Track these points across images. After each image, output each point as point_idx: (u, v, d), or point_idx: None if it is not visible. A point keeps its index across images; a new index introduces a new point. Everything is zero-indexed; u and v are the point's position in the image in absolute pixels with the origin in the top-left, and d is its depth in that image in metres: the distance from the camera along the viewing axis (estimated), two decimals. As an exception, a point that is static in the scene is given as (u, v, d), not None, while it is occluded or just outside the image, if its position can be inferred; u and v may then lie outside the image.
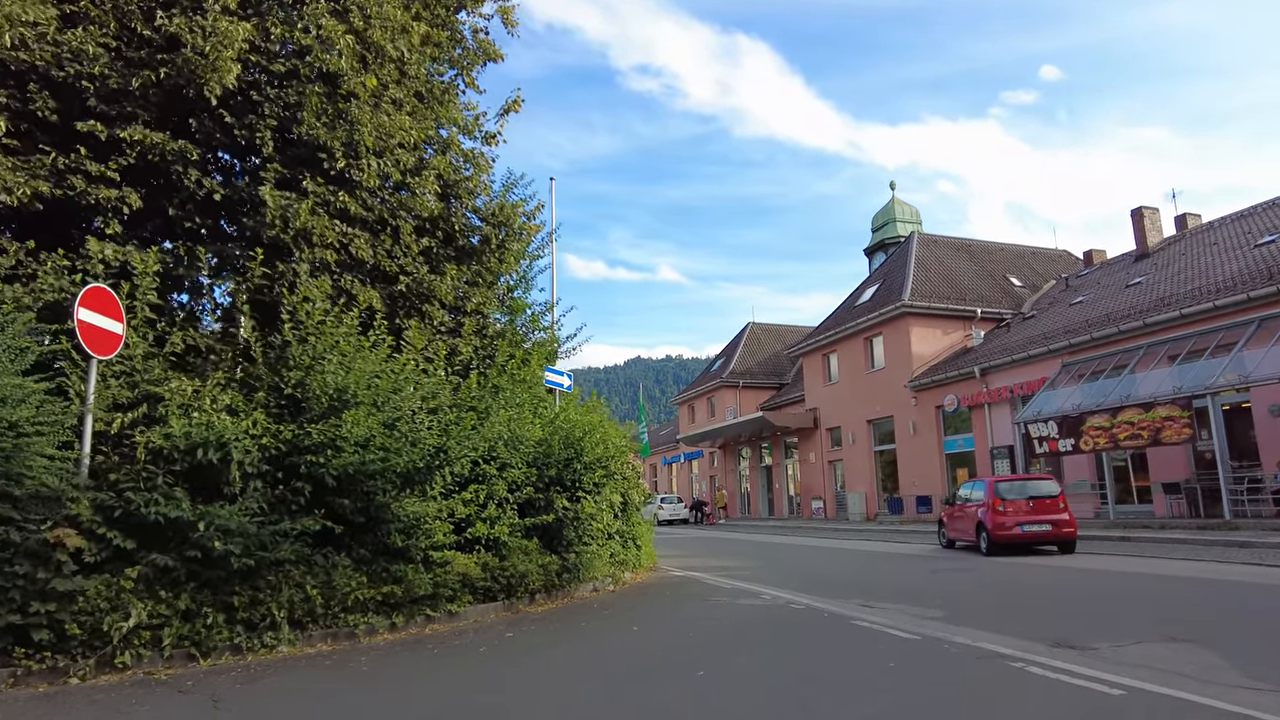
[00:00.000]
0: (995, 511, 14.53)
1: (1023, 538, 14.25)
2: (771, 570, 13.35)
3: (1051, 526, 14.20)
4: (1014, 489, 15.00)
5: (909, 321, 29.32)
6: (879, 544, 19.11)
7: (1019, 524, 14.26)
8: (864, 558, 15.80)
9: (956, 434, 26.91)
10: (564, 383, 12.17)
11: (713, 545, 21.54)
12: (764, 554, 17.72)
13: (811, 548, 19.02)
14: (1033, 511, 14.35)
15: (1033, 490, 14.91)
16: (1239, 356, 16.84)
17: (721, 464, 46.11)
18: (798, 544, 20.53)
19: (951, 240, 35.92)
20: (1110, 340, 20.98)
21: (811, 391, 36.63)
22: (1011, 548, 14.40)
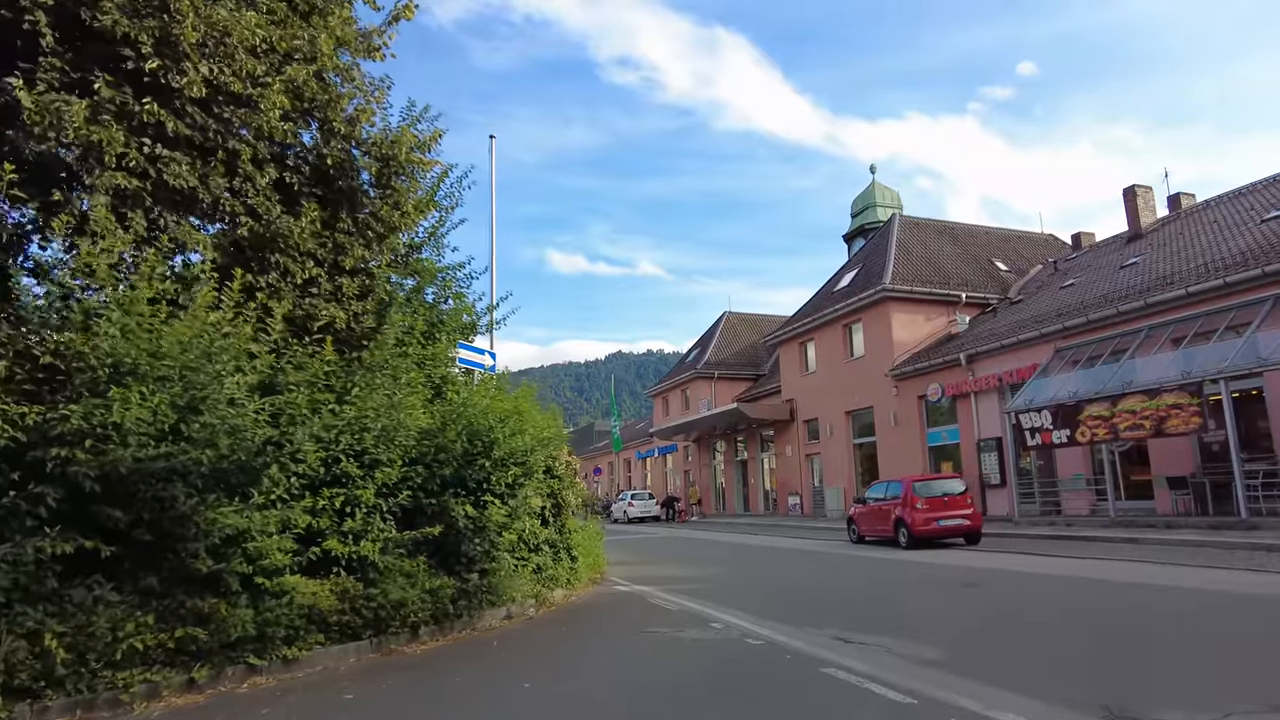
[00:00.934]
0: (914, 509, 15.88)
1: (938, 531, 15.69)
2: (733, 581, 11.51)
3: (964, 520, 15.85)
4: (929, 488, 16.52)
5: (890, 307, 27.57)
6: (853, 545, 17.31)
7: (935, 519, 15.67)
8: (836, 563, 14.00)
9: (941, 426, 25.20)
10: (484, 362, 10.22)
11: (677, 547, 19.65)
12: (730, 558, 15.88)
13: (783, 550, 17.21)
14: (946, 507, 15.83)
15: (945, 488, 16.53)
16: (1253, 338, 15.18)
17: (696, 458, 44.28)
18: (768, 545, 18.71)
19: (934, 223, 34.24)
20: (1108, 323, 19.29)
21: (788, 382, 34.85)
22: (927, 541, 15.72)
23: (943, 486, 16.70)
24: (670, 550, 18.74)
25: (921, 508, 15.90)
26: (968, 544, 15.80)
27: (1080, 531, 16.01)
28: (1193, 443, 17.21)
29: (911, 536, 15.76)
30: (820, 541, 19.62)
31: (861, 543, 17.99)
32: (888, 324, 27.55)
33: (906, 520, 15.95)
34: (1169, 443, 17.12)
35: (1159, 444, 17.43)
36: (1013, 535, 16.70)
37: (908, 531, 15.89)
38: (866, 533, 18.06)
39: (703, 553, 17.84)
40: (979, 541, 15.89)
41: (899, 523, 16.22)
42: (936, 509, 15.82)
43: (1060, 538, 15.55)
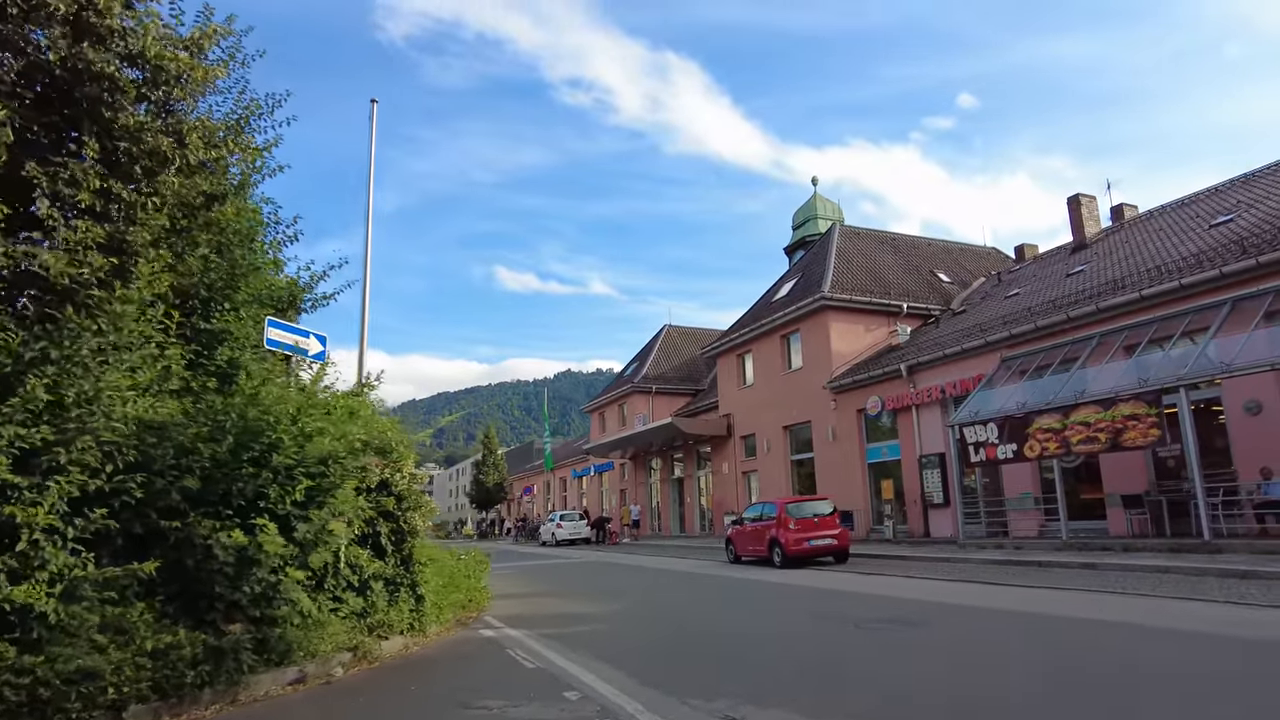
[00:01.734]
0: (787, 529, 16.32)
1: (809, 551, 16.19)
2: (628, 623, 9.52)
3: (833, 540, 16.50)
4: (801, 509, 17.07)
5: (828, 316, 26.12)
6: (780, 572, 15.48)
7: (806, 539, 16.18)
8: (757, 593, 12.12)
9: (881, 441, 23.71)
10: (309, 347, 8.11)
11: (589, 575, 17.56)
12: (640, 589, 13.88)
13: (702, 578, 15.29)
14: (816, 528, 16.45)
15: (816, 509, 17.16)
16: (1211, 344, 13.91)
17: (633, 477, 42.27)
18: (689, 572, 16.76)
19: (875, 233, 33.14)
20: (1058, 329, 18.00)
21: (725, 396, 33.19)
22: (799, 560, 16.22)
23: (813, 508, 17.32)
24: (579, 579, 16.65)
25: (794, 528, 16.38)
26: (836, 562, 16.56)
27: (1030, 555, 14.47)
28: (1147, 458, 15.91)
29: (785, 556, 16.23)
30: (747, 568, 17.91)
31: (738, 562, 18.31)
32: (826, 334, 26.08)
33: (780, 540, 16.39)
34: (1122, 459, 15.79)
35: (1111, 460, 16.09)
36: (954, 559, 15.09)
37: (781, 551, 16.33)
38: (743, 553, 18.32)
39: (614, 581, 15.81)
40: (846, 560, 16.67)
41: (773, 543, 16.66)
42: (808, 529, 16.40)
43: (1010, 563, 13.97)
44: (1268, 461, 13.62)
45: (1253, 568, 10.52)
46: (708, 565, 18.45)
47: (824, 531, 16.49)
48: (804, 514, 16.85)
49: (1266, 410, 13.95)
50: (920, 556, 16.17)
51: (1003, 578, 12.00)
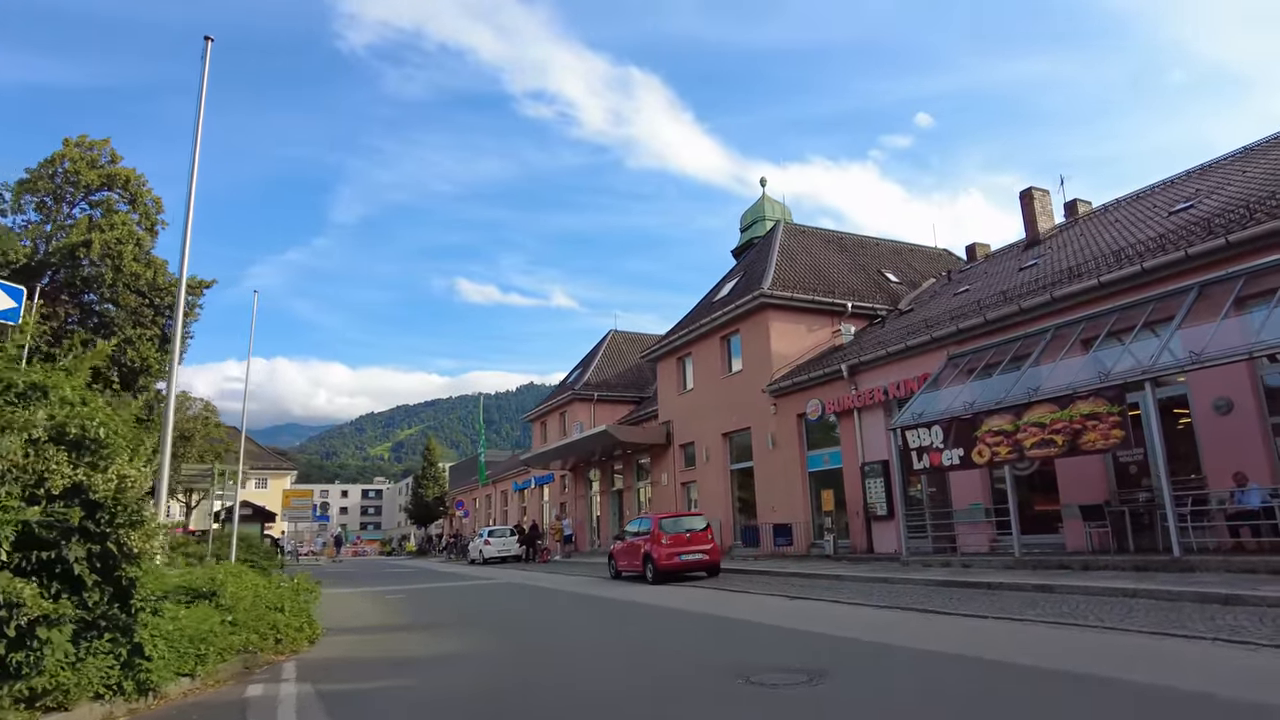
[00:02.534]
0: (659, 544, 16.34)
1: (680, 565, 16.27)
2: (461, 673, 7.39)
3: (704, 555, 16.59)
4: (674, 524, 17.26)
5: (769, 315, 24.33)
6: (662, 592, 13.46)
7: (677, 554, 16.26)
8: (641, 624, 10.07)
9: (822, 448, 21.91)
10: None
11: (474, 601, 15.31)
12: (510, 619, 11.70)
13: (606, 602, 13.18)
14: (689, 543, 16.54)
15: (689, 525, 17.39)
16: (1177, 334, 12.30)
17: (573, 489, 40.03)
18: (597, 596, 14.63)
19: (821, 232, 31.59)
20: (1009, 323, 16.37)
21: (665, 402, 31.23)
22: (669, 574, 16.29)
23: (687, 523, 17.61)
24: (458, 606, 14.37)
25: (666, 543, 16.45)
26: (708, 576, 16.63)
27: (979, 575, 12.65)
28: (1107, 464, 14.28)
29: (656, 571, 16.24)
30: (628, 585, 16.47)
31: (618, 578, 18.26)
32: (766, 335, 24.28)
33: (653, 555, 16.41)
34: (1080, 465, 14.13)
35: (1069, 466, 14.43)
36: (893, 580, 13.20)
37: (653, 566, 16.33)
38: (623, 568, 18.31)
39: (492, 609, 13.59)
40: (718, 575, 16.80)
41: (647, 557, 16.65)
42: (680, 545, 16.52)
43: (954, 584, 12.12)
44: (1240, 466, 12.02)
45: (1234, 590, 8.78)
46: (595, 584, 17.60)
47: (695, 547, 16.62)
48: (678, 529, 17.02)
49: (1238, 409, 12.38)
50: (856, 576, 14.28)
51: (944, 603, 10.12)
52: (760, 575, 16.64)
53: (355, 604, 14.87)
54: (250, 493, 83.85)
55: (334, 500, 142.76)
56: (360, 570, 32.71)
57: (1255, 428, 12.11)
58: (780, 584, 14.43)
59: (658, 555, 16.29)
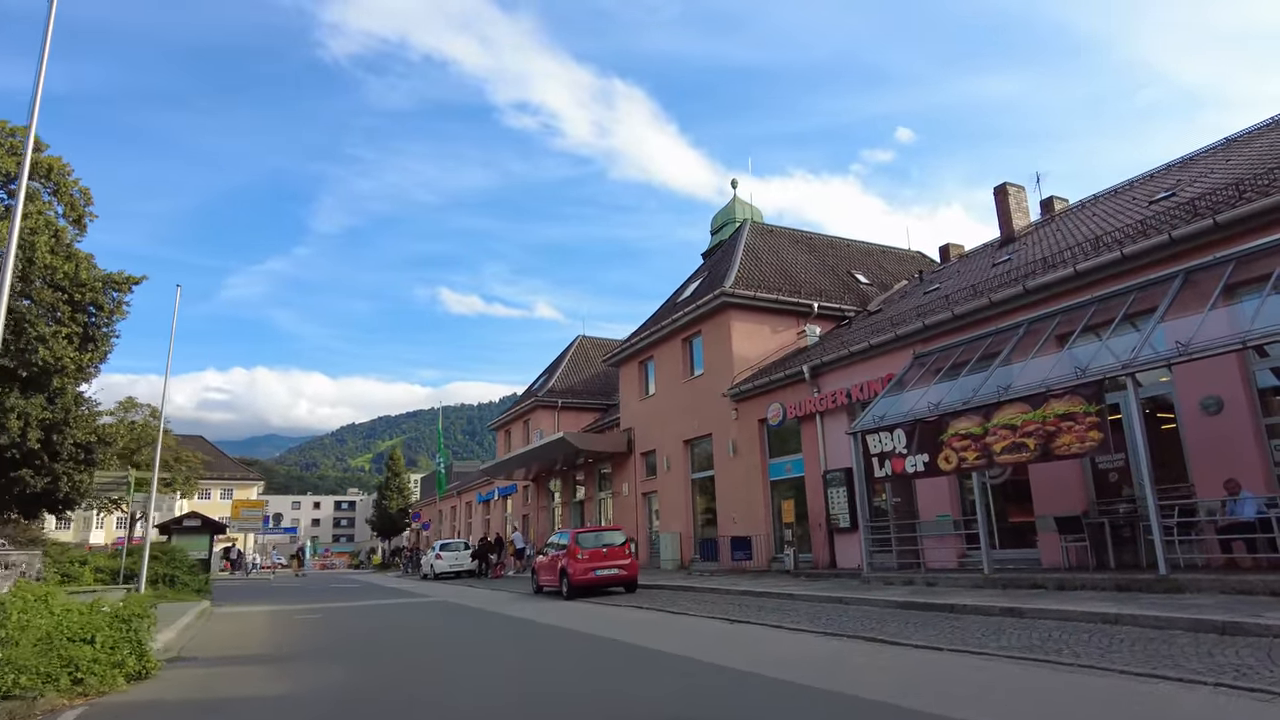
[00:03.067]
0: (575, 559, 16.17)
1: (597, 581, 16.10)
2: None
3: (620, 570, 16.33)
4: (591, 539, 17.05)
5: (731, 315, 22.98)
6: (577, 610, 11.97)
7: (593, 569, 16.05)
8: (550, 656, 8.57)
9: (785, 455, 20.52)
10: None
11: (387, 622, 13.71)
12: (397, 650, 10.14)
13: (510, 622, 11.65)
14: (606, 558, 16.31)
15: (606, 540, 17.09)
16: (1160, 327, 11.02)
17: (535, 500, 38.44)
18: (505, 615, 13.08)
19: (790, 231, 30.35)
20: (978, 318, 15.10)
21: (627, 408, 29.79)
22: (585, 589, 16.13)
23: (604, 538, 17.34)
24: (357, 631, 12.75)
25: (582, 558, 16.29)
26: (626, 592, 16.51)
27: (942, 595, 11.26)
28: (1085, 470, 12.98)
29: (571, 586, 16.15)
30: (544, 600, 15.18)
31: (539, 593, 18.21)
32: (728, 336, 22.92)
33: (568, 571, 16.27)
34: (1054, 472, 12.82)
35: (1043, 473, 13.12)
36: (848, 600, 11.78)
37: (568, 581, 16.21)
38: (543, 582, 18.20)
39: (394, 634, 12.02)
40: (635, 591, 16.67)
41: (563, 573, 16.49)
42: (596, 560, 16.35)
43: (914, 606, 10.72)
44: (1232, 472, 10.72)
45: (1232, 616, 7.42)
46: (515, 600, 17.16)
47: (612, 562, 16.40)
48: (594, 544, 16.82)
49: (1229, 408, 11.10)
50: (809, 596, 12.84)
51: (898, 630, 8.71)
52: (708, 594, 15.18)
53: (250, 626, 13.25)
54: (214, 504, 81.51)
55: (305, 512, 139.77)
56: (307, 586, 30.90)
57: (1248, 429, 10.84)
58: (726, 604, 12.97)
59: (573, 570, 16.15)
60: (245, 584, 32.63)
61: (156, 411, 41.79)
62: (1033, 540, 13.61)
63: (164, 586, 20.83)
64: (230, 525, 40.09)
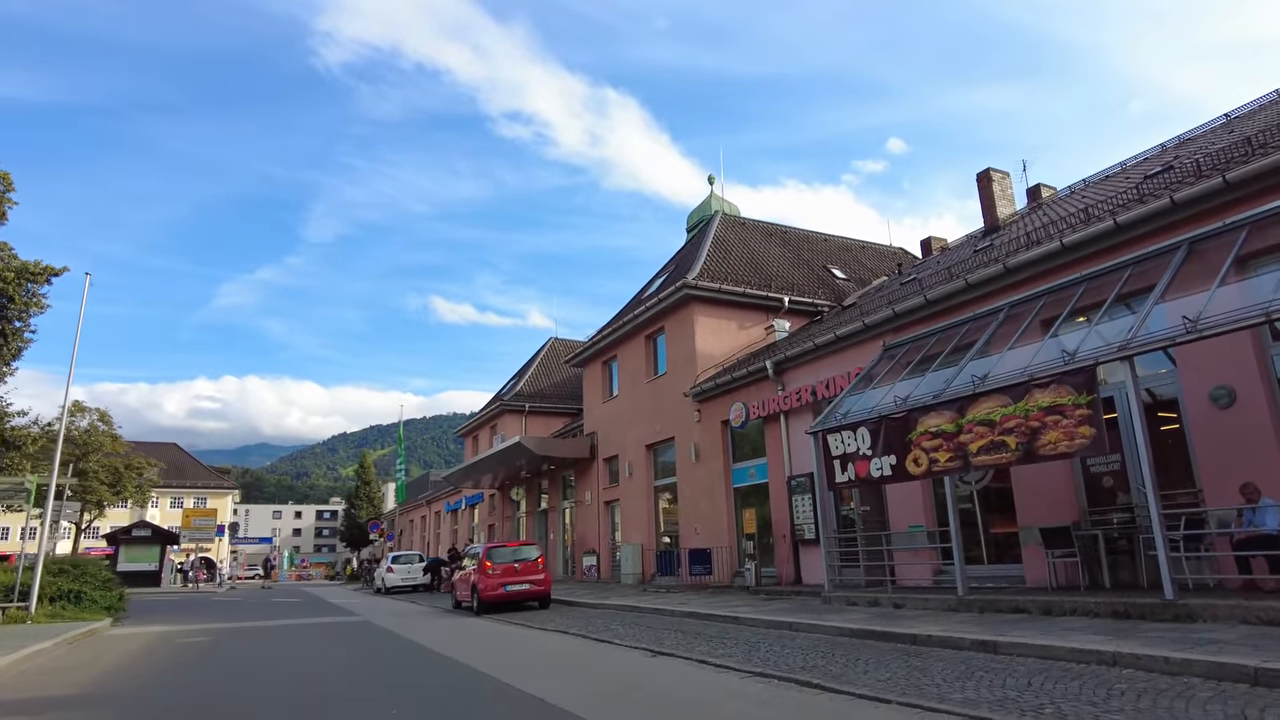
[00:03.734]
0: (485, 574, 15.92)
1: (507, 596, 15.87)
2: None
3: (531, 585, 16.12)
4: (504, 554, 16.78)
5: (694, 310, 21.28)
6: (449, 613, 10.20)
7: (504, 584, 15.85)
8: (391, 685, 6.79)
9: (749, 460, 18.80)
10: None
11: (285, 647, 11.86)
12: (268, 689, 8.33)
13: (401, 646, 9.83)
14: (518, 573, 16.09)
15: (519, 555, 16.77)
16: (1161, 305, 9.36)
17: (500, 510, 36.58)
18: (401, 637, 11.25)
19: (764, 225, 28.74)
20: (954, 304, 13.44)
21: (590, 411, 28.06)
22: (495, 605, 15.83)
23: (517, 553, 17.02)
24: (214, 666, 10.94)
25: (493, 574, 16.03)
26: (540, 607, 16.28)
27: (905, 623, 9.52)
28: (1075, 474, 11.28)
29: (481, 602, 15.89)
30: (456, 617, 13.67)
31: (457, 608, 17.74)
32: (691, 331, 21.20)
33: (478, 586, 16.01)
34: (1040, 476, 11.13)
35: (1026, 477, 11.43)
36: (798, 627, 10.02)
37: (479, 597, 15.95)
38: (460, 598, 17.84)
39: (244, 673, 10.19)
40: (549, 606, 16.44)
41: (474, 588, 16.23)
42: (508, 575, 16.09)
43: (872, 636, 8.97)
44: (1247, 475, 9.03)
45: (1266, 661, 5.71)
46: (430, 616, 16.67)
47: (524, 578, 16.17)
48: (506, 559, 16.56)
49: (1243, 400, 9.43)
50: (757, 620, 11.07)
51: (844, 667, 6.95)
52: (649, 615, 13.40)
53: (111, 653, 11.37)
54: (187, 514, 78.90)
55: (287, 522, 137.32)
56: (246, 600, 28.85)
57: (1266, 424, 9.17)
58: (663, 629, 11.20)
59: (483, 586, 15.87)
60: (186, 598, 30.58)
61: (106, 415, 39.82)
62: (1016, 555, 11.89)
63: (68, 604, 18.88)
64: (182, 535, 38.08)
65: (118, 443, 39.52)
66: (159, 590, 36.42)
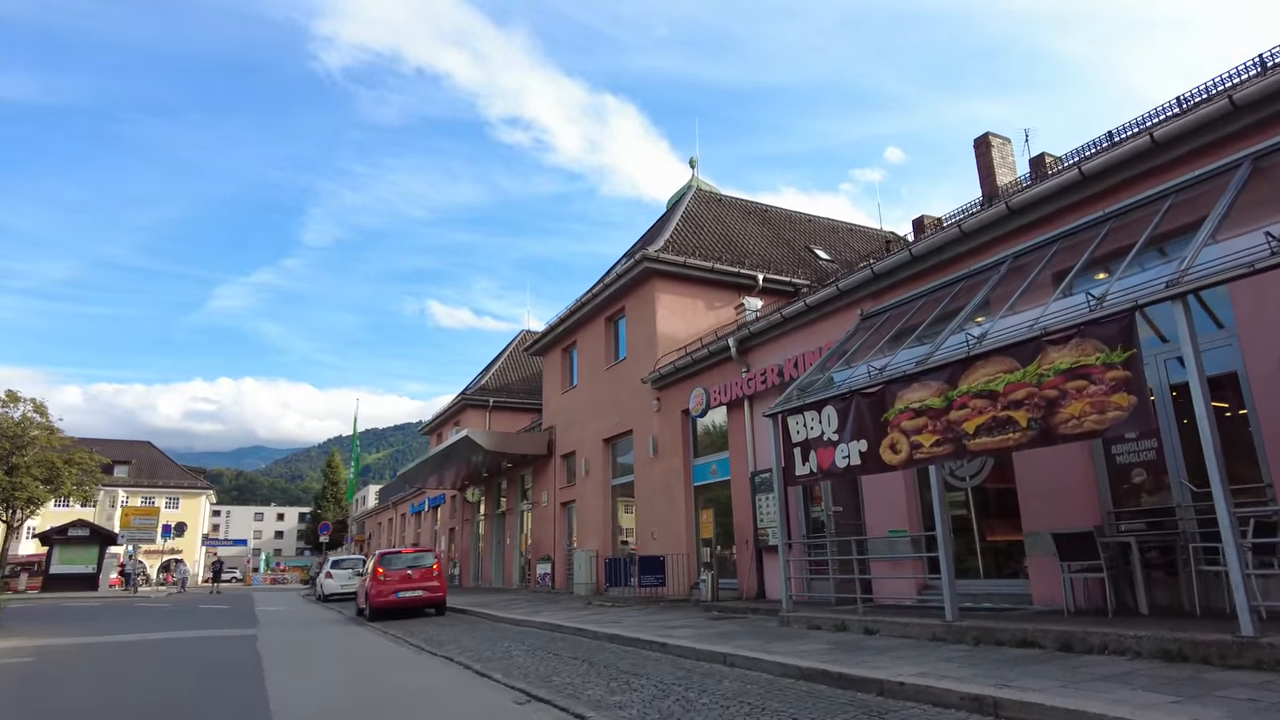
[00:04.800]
0: (378, 581, 15.76)
1: (399, 604, 15.71)
2: None
3: (424, 592, 16.04)
4: (398, 560, 16.49)
5: (656, 287, 18.86)
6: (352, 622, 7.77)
7: (395, 591, 15.69)
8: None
9: (711, 454, 16.35)
10: None
11: (121, 669, 9.33)
12: None
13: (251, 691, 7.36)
14: (411, 581, 15.98)
15: (413, 561, 16.57)
16: (1212, 243, 6.95)
17: (460, 512, 34.08)
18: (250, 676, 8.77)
19: (742, 202, 26.32)
20: (945, 259, 11.04)
21: (549, 403, 25.61)
22: (386, 612, 15.68)
23: (410, 560, 16.69)
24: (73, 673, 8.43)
25: (385, 580, 15.75)
26: (436, 614, 16.17)
27: (876, 660, 7.05)
28: (1096, 463, 8.83)
29: (372, 609, 15.63)
30: (398, 641, 10.49)
31: (360, 615, 17.16)
32: (652, 311, 18.77)
33: (370, 593, 15.80)
34: (1050, 464, 8.71)
35: (1032, 467, 8.99)
36: (743, 662, 7.56)
37: (370, 604, 15.69)
38: (361, 606, 17.46)
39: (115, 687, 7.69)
40: (444, 612, 16.34)
41: (367, 595, 16.04)
42: (401, 582, 15.84)
43: (829, 678, 6.49)
44: (1338, 465, 6.60)
45: None
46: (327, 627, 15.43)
47: (418, 584, 16.03)
48: (400, 566, 16.33)
49: (1329, 364, 7.01)
50: (685, 649, 8.57)
51: None
52: (570, 636, 10.93)
53: None
54: (156, 515, 76.05)
55: (269, 524, 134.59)
56: (156, 608, 26.24)
57: (1366, 394, 6.74)
58: (572, 657, 8.72)
59: (374, 593, 15.66)
60: (108, 604, 27.93)
61: (41, 406, 37.26)
62: (1020, 568, 9.46)
63: None
64: (120, 535, 35.45)
65: (55, 436, 36.91)
66: (92, 594, 33.81)
